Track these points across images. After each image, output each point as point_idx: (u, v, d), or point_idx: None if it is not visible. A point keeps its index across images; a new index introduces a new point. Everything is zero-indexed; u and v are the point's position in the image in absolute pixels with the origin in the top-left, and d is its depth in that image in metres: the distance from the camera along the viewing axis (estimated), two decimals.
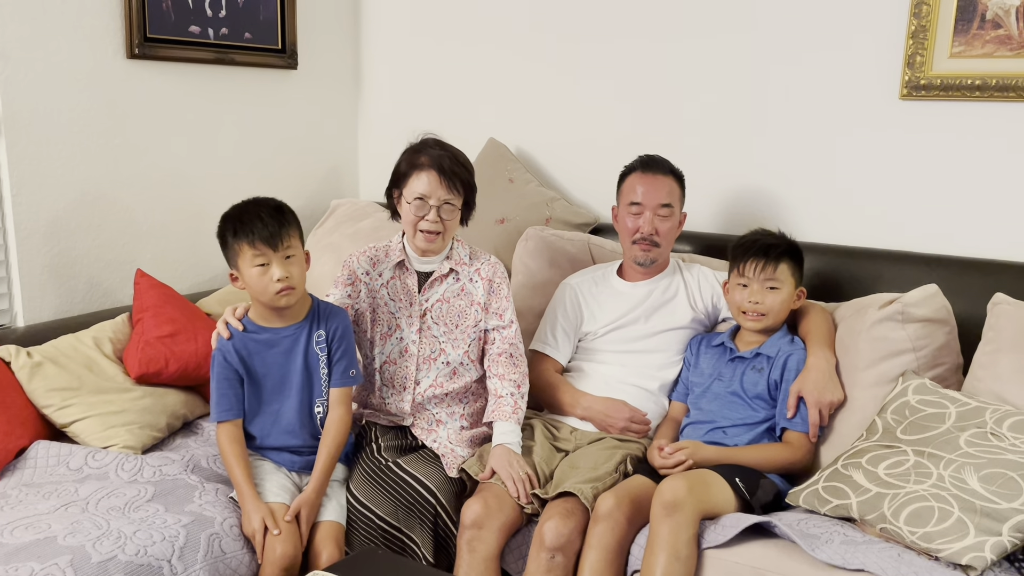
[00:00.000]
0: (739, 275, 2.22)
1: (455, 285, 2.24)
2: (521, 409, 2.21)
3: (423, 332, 2.22)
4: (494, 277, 2.25)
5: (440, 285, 2.24)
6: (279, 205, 2.03)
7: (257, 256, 1.97)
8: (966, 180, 2.41)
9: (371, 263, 2.26)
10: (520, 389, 2.23)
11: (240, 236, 1.98)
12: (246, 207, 2.02)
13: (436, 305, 2.23)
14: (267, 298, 2.00)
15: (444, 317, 2.23)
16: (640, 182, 2.36)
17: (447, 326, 2.23)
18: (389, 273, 2.25)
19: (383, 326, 2.24)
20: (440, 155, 2.14)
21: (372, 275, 2.25)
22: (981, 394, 2.00)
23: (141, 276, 2.51)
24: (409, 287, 2.23)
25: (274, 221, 1.97)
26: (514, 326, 2.25)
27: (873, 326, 2.13)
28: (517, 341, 2.26)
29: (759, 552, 1.81)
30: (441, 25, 3.19)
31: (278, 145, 3.14)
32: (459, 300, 2.24)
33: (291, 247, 2.00)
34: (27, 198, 2.43)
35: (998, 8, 2.31)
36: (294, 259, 2.00)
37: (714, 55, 2.70)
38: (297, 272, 2.01)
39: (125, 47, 2.61)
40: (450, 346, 2.23)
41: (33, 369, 2.20)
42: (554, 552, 1.94)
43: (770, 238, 2.25)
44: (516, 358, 2.25)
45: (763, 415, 2.16)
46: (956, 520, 1.70)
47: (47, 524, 1.82)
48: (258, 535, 1.92)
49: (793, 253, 2.23)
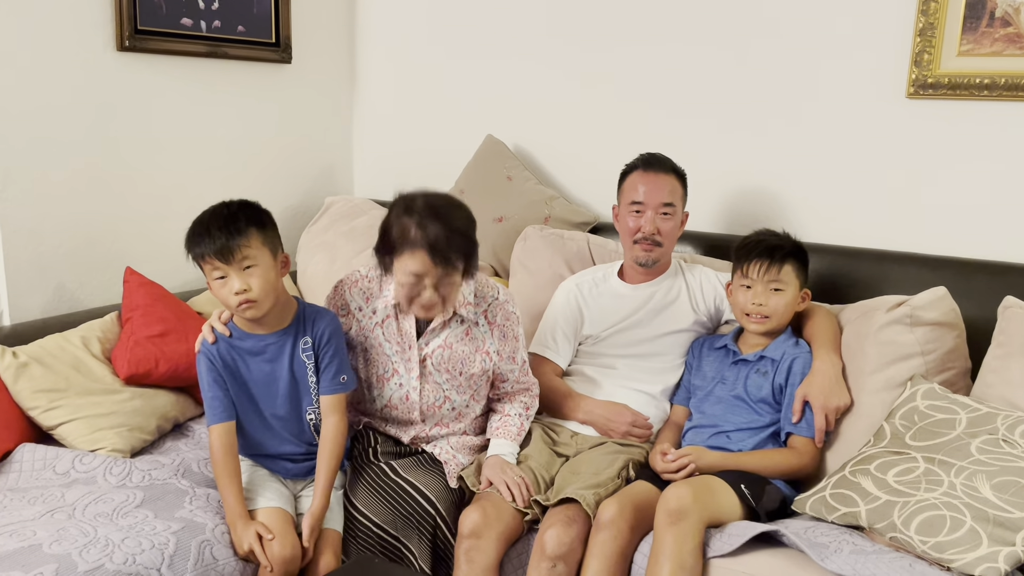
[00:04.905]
0: (743, 276, 2.18)
1: (459, 329, 2.08)
2: (524, 431, 2.19)
3: (424, 379, 2.07)
4: (505, 322, 2.11)
5: (442, 332, 2.07)
6: (236, 212, 1.89)
7: (213, 270, 1.88)
8: (974, 180, 2.37)
9: (364, 298, 2.08)
10: (528, 411, 2.21)
11: (194, 251, 1.89)
12: (201, 218, 1.90)
13: (437, 351, 2.06)
14: (232, 310, 1.93)
15: (447, 364, 2.07)
16: (642, 181, 2.32)
17: (450, 373, 2.08)
18: (383, 313, 2.06)
19: (379, 368, 2.08)
20: (435, 232, 1.87)
21: (365, 311, 2.08)
22: (991, 399, 1.96)
23: (131, 274, 2.45)
24: (406, 331, 2.06)
25: (225, 232, 1.84)
26: (523, 352, 2.18)
27: (881, 329, 2.10)
28: (526, 366, 2.20)
29: (767, 562, 1.77)
30: (438, 19, 3.14)
31: (271, 140, 3.09)
32: (463, 346, 2.07)
33: (248, 257, 1.85)
34: (13, 193, 2.37)
35: (1007, 6, 2.27)
36: (254, 269, 1.87)
37: (717, 54, 2.66)
38: (260, 283, 1.87)
39: (115, 40, 2.55)
40: (455, 392, 2.11)
41: (19, 370, 2.15)
42: (555, 561, 1.89)
43: (774, 239, 2.20)
44: (528, 383, 2.21)
45: (768, 419, 2.13)
46: (969, 530, 1.66)
47: (32, 531, 1.77)
48: (256, 546, 1.86)
49: (798, 254, 2.18)
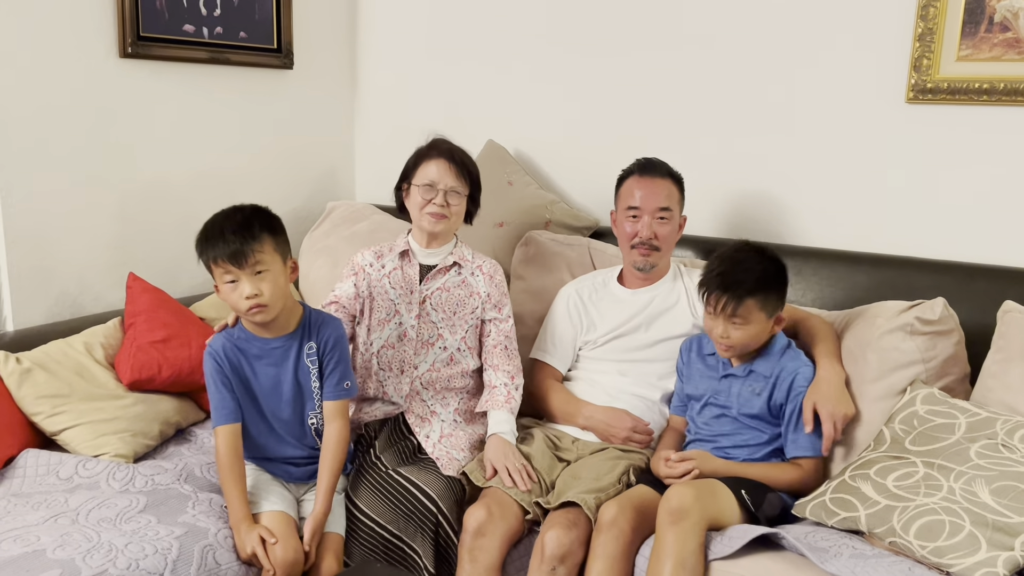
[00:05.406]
0: (706, 303, 2.08)
1: (457, 277, 2.31)
2: (514, 399, 2.26)
3: (422, 318, 2.27)
4: (495, 273, 2.34)
5: (442, 276, 2.30)
6: (250, 217, 1.92)
7: (225, 274, 1.90)
8: (973, 185, 2.38)
9: (375, 256, 2.34)
10: (514, 380, 2.29)
11: (206, 254, 1.91)
12: (215, 221, 1.93)
13: (436, 293, 2.29)
14: (241, 314, 1.96)
15: (443, 305, 2.29)
16: (638, 186, 2.32)
17: (446, 313, 2.28)
18: (392, 264, 2.31)
19: (381, 313, 2.28)
20: (451, 148, 2.28)
21: (375, 266, 2.32)
22: (991, 404, 1.96)
23: (134, 280, 2.46)
24: (410, 277, 2.29)
25: (239, 237, 1.87)
26: (510, 322, 2.34)
27: (882, 336, 2.10)
28: (512, 336, 2.34)
29: (767, 565, 1.77)
30: (438, 25, 3.15)
31: (273, 146, 3.10)
32: (459, 290, 2.31)
33: (260, 262, 1.89)
34: (17, 199, 2.38)
35: (1006, 11, 2.28)
36: (266, 274, 1.90)
37: (718, 59, 2.67)
38: (270, 288, 1.90)
39: (118, 46, 2.56)
40: (448, 331, 2.27)
41: (22, 375, 2.15)
42: (555, 563, 1.90)
43: (738, 272, 2.02)
44: (511, 351, 2.32)
45: (767, 435, 2.08)
46: (968, 534, 1.67)
47: (36, 536, 1.78)
48: (259, 549, 1.87)
49: (765, 285, 2.02)
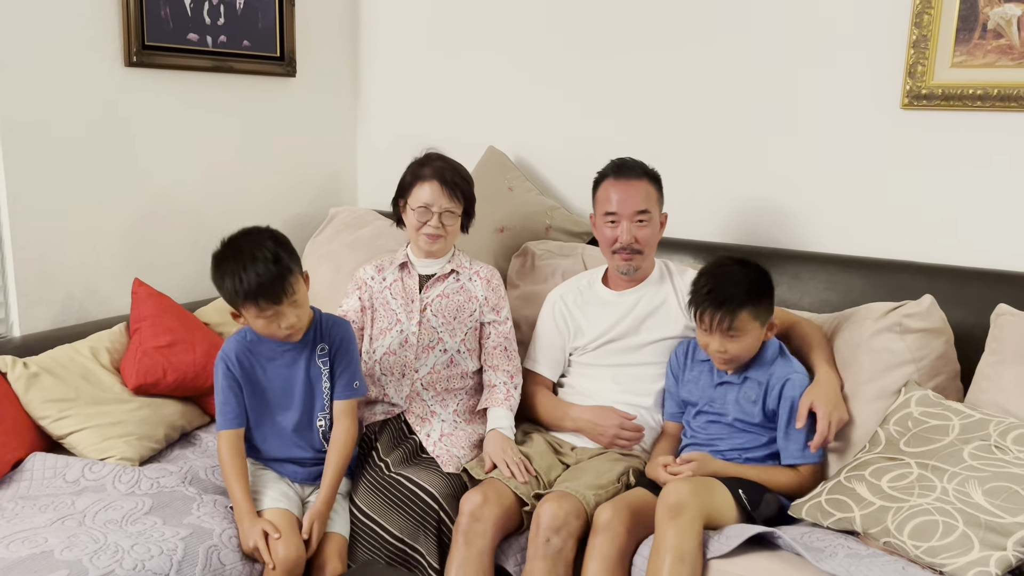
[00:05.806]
0: (698, 321, 2.06)
1: (455, 283, 2.36)
2: (513, 397, 2.30)
3: (422, 324, 2.32)
4: (492, 278, 2.39)
5: (441, 283, 2.36)
6: (276, 251, 1.91)
7: (264, 310, 1.92)
8: (968, 190, 2.40)
9: (376, 270, 2.41)
10: (513, 379, 2.33)
11: (242, 297, 1.89)
12: (238, 259, 1.88)
13: (436, 300, 2.34)
14: (275, 339, 2.00)
15: (443, 310, 2.33)
16: (614, 189, 2.26)
17: (445, 318, 2.33)
18: (392, 276, 2.37)
19: (383, 322, 2.34)
20: (442, 167, 2.30)
21: (377, 279, 2.39)
22: (984, 406, 1.99)
23: (139, 285, 2.49)
24: (411, 287, 2.35)
25: (274, 276, 1.88)
26: (509, 324, 2.38)
27: (872, 337, 2.12)
28: (512, 337, 2.38)
29: (764, 564, 1.79)
30: (440, 33, 3.18)
31: (276, 153, 3.13)
32: (458, 296, 2.35)
33: (295, 291, 1.93)
34: (24, 206, 2.41)
35: (999, 18, 2.31)
36: (298, 298, 1.96)
37: (716, 65, 2.69)
38: (302, 311, 1.99)
39: (123, 55, 2.59)
40: (448, 335, 2.32)
41: (29, 380, 2.18)
42: (550, 534, 1.92)
43: (727, 286, 2.02)
44: (510, 352, 2.36)
45: (765, 438, 2.10)
46: (960, 534, 1.69)
47: (43, 538, 1.81)
48: (260, 543, 1.90)
49: (755, 294, 2.03)
